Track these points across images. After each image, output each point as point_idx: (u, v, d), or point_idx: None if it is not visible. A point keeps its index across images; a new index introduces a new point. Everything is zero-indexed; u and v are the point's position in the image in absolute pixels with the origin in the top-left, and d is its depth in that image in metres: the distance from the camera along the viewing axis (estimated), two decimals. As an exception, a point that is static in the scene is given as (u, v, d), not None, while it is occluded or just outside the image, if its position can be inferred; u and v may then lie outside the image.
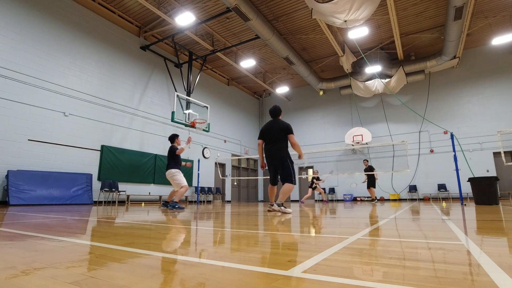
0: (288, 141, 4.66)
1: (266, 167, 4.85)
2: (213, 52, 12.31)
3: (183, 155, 12.94)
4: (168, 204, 5.77)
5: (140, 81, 11.50)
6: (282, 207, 4.37)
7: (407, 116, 14.52)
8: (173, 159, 5.90)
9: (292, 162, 4.60)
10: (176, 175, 5.81)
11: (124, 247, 1.36)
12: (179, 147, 6.10)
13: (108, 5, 10.41)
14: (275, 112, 4.87)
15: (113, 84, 10.43)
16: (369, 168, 10.83)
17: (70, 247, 1.37)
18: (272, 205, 4.61)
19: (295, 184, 4.55)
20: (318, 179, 11.43)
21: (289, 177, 4.51)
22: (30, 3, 8.42)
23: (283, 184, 4.55)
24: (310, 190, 11.08)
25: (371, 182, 10.87)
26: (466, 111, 13.44)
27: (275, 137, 4.62)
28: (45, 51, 8.58)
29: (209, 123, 12.01)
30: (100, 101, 9.93)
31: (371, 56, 13.42)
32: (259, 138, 4.84)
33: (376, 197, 11.14)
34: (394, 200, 14.00)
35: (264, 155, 4.80)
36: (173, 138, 6.21)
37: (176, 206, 5.68)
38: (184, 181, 5.86)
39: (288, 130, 4.63)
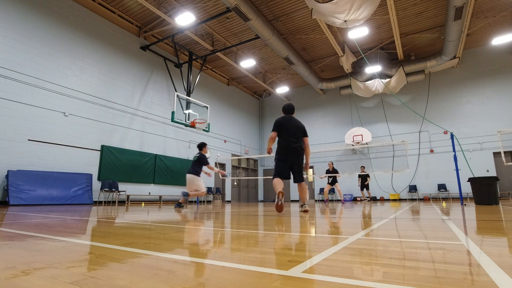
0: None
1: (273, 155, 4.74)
2: (213, 52, 12.31)
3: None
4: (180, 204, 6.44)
5: (140, 81, 11.51)
6: (306, 206, 4.48)
7: (407, 116, 14.52)
8: (199, 166, 6.62)
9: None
10: (199, 182, 6.54)
11: (124, 247, 1.36)
12: (208, 170, 6.82)
13: (108, 5, 10.41)
14: (292, 109, 4.77)
15: (113, 84, 10.43)
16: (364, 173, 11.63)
17: (70, 247, 1.37)
18: (280, 200, 4.33)
19: (273, 177, 4.57)
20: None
21: (303, 176, 4.56)
22: (30, 3, 8.42)
23: (299, 184, 4.51)
24: (328, 185, 10.95)
25: (363, 184, 11.89)
26: (466, 111, 13.44)
27: (298, 134, 4.53)
28: (45, 51, 8.58)
29: (209, 123, 12.01)
30: (100, 101, 9.93)
31: (371, 56, 13.42)
32: (274, 130, 4.56)
33: (366, 197, 12.02)
34: (394, 200, 14.00)
35: (282, 150, 4.48)
36: (201, 146, 6.93)
37: (179, 206, 6.30)
38: (204, 188, 6.62)
39: (305, 131, 4.68)
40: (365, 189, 11.91)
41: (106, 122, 10.04)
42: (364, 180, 11.89)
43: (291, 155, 4.45)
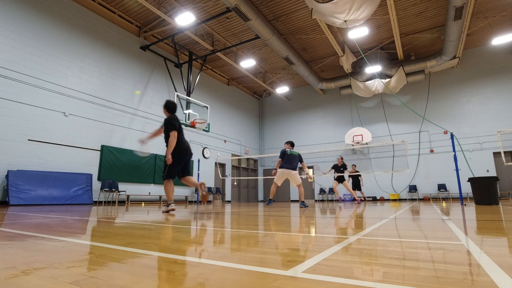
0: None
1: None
2: (213, 52, 12.31)
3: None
4: (303, 204, 6.65)
5: (140, 81, 11.50)
6: (166, 207, 4.42)
7: (407, 116, 14.52)
8: (297, 162, 6.88)
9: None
10: (298, 176, 6.82)
11: (124, 247, 1.36)
12: (306, 170, 7.22)
13: (108, 5, 10.41)
14: (170, 107, 4.80)
15: (113, 84, 10.43)
16: (356, 172, 11.35)
17: (70, 247, 1.37)
18: (170, 204, 4.48)
19: (165, 179, 4.51)
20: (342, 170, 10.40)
21: (162, 173, 4.56)
22: (30, 3, 8.42)
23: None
24: (335, 182, 10.49)
25: (356, 184, 11.47)
26: (466, 111, 13.44)
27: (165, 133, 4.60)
28: (45, 51, 8.58)
29: (209, 123, 12.01)
30: (100, 101, 9.93)
31: (371, 56, 13.42)
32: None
33: (359, 197, 11.63)
34: (394, 200, 14.00)
35: (179, 147, 4.55)
36: (293, 144, 7.22)
37: (305, 205, 6.60)
38: (277, 181, 6.92)
39: (169, 125, 4.54)
40: (356, 189, 11.44)
41: (106, 122, 10.04)
42: (356, 180, 11.45)
43: (187, 154, 4.70)
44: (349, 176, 11.25)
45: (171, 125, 4.51)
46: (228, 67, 15.16)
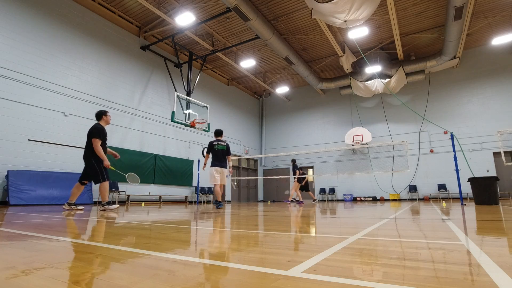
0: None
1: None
2: (213, 52, 12.31)
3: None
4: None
5: (140, 81, 11.50)
6: (107, 206, 5.05)
7: (407, 116, 14.52)
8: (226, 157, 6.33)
9: (98, 162, 5.07)
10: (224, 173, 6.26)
11: (124, 247, 1.36)
12: (230, 164, 6.67)
13: (108, 5, 10.41)
14: (96, 115, 5.44)
15: (113, 84, 10.42)
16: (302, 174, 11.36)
17: (70, 247, 1.37)
18: (70, 204, 5.13)
19: (105, 181, 5.12)
20: None
21: (96, 177, 5.06)
22: (30, 3, 8.42)
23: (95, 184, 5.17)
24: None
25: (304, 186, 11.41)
26: (466, 111, 13.44)
27: (87, 139, 5.17)
28: (45, 51, 8.58)
29: (209, 123, 12.01)
30: (100, 101, 9.93)
31: (371, 56, 13.42)
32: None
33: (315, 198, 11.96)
34: (394, 200, 14.00)
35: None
36: (221, 132, 6.70)
37: (220, 205, 6.08)
38: (217, 180, 6.25)
39: (90, 134, 5.09)
40: (305, 191, 11.52)
41: (106, 122, 10.03)
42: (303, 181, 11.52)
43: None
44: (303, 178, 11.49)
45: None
46: (228, 67, 15.16)
